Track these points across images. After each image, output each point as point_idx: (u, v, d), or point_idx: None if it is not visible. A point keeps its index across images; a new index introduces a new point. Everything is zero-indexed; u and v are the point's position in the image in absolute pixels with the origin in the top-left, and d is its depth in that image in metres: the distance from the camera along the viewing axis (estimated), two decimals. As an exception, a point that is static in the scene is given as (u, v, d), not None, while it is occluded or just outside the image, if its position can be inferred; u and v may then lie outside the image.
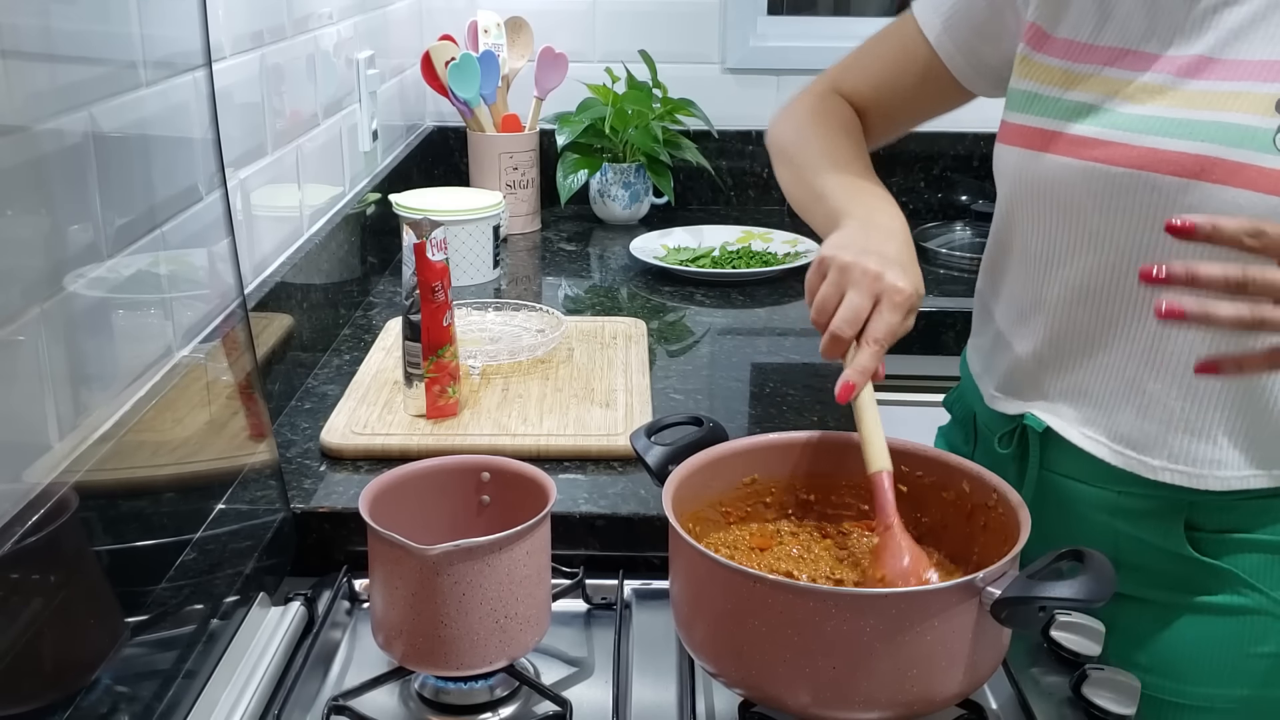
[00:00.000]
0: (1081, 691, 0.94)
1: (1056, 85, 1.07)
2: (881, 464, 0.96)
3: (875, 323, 0.98)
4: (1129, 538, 1.08)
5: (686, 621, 0.92)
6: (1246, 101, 0.96)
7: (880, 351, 0.98)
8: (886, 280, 0.98)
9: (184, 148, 1.09)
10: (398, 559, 0.91)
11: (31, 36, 0.83)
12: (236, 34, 1.32)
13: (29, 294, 0.82)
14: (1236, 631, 1.06)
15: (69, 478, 0.84)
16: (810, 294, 1.03)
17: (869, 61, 1.27)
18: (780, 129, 1.29)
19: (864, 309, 0.98)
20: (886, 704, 0.84)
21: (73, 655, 0.83)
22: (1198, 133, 0.97)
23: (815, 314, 1.02)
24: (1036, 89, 1.09)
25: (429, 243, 1.23)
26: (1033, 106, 1.09)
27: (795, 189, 1.22)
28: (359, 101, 1.82)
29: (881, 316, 0.98)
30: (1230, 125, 0.96)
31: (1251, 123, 0.95)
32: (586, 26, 2.30)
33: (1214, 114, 0.97)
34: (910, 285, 0.99)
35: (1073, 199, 1.05)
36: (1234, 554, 1.05)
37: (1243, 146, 0.95)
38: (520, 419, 1.31)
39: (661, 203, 2.26)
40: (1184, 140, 0.98)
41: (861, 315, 0.98)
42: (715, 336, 1.66)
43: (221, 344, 1.09)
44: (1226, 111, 0.97)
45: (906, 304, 0.99)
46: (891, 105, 1.27)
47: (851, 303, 0.98)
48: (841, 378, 0.98)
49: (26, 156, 0.83)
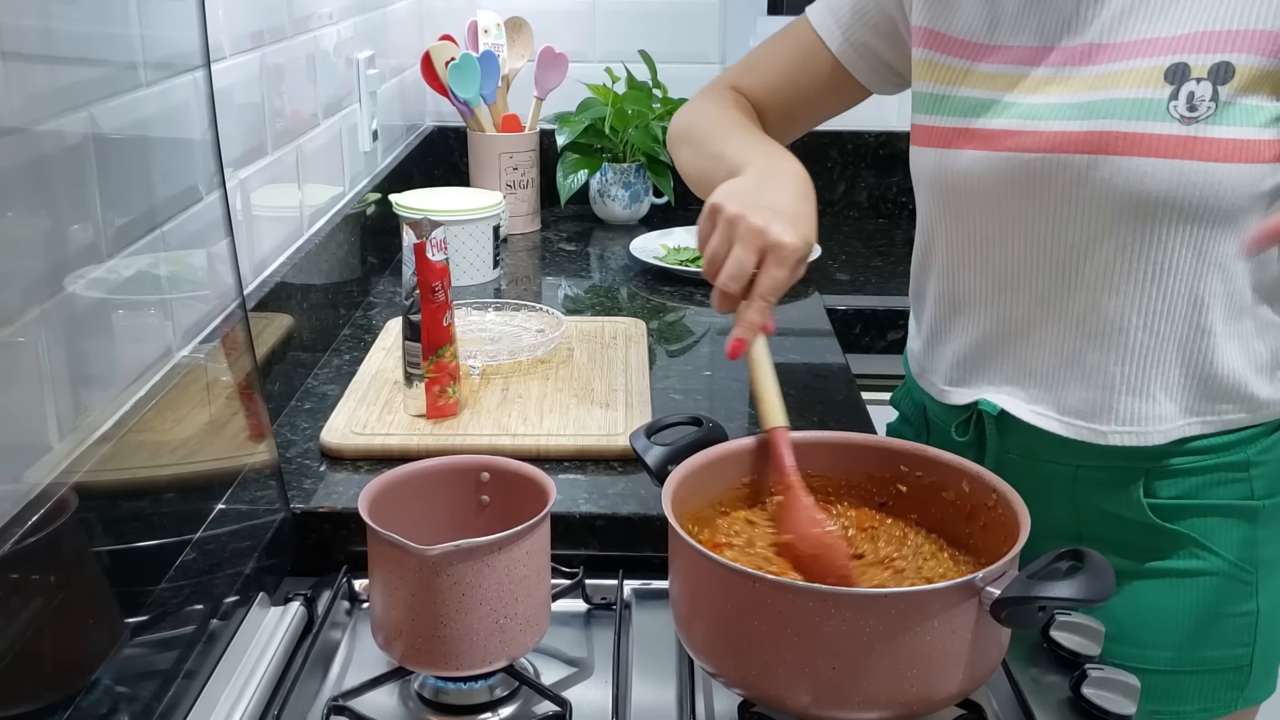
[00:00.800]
0: (1081, 691, 0.94)
1: (958, 84, 1.12)
2: (775, 420, 0.99)
3: (762, 279, 1.00)
4: (1090, 510, 1.12)
5: (686, 621, 0.92)
6: (1136, 77, 1.01)
7: (767, 307, 1.00)
8: (771, 235, 0.99)
9: (184, 148, 1.09)
10: (397, 559, 0.91)
11: (32, 37, 0.83)
12: (236, 34, 1.32)
13: (29, 294, 0.82)
14: (1195, 594, 1.11)
15: (69, 478, 0.84)
16: (701, 244, 1.05)
17: (766, 64, 1.30)
18: (678, 120, 1.31)
19: (749, 264, 1.00)
20: (886, 704, 0.84)
21: (73, 655, 0.83)
22: (1098, 111, 1.03)
23: (705, 267, 1.04)
24: (940, 90, 1.13)
25: (429, 243, 1.23)
26: (939, 107, 1.13)
27: (695, 162, 1.23)
28: (359, 101, 1.82)
29: (768, 272, 1.00)
30: (1126, 100, 1.01)
31: (1144, 95, 1.01)
32: (586, 26, 2.30)
33: (1110, 92, 1.02)
34: (797, 238, 1.00)
35: (991, 189, 1.09)
36: (1188, 518, 1.10)
37: (1140, 118, 1.01)
38: (520, 419, 1.31)
39: (661, 203, 2.26)
40: (1087, 120, 1.03)
41: (747, 271, 1.00)
42: (715, 336, 1.66)
43: (221, 344, 1.09)
44: (1121, 89, 1.02)
45: (792, 258, 0.99)
46: (789, 104, 1.29)
47: (737, 258, 1.00)
48: (731, 334, 1.00)
49: (26, 157, 0.83)
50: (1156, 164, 1.00)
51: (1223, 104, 0.98)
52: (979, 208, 1.11)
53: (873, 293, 1.92)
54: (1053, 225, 1.07)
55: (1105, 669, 0.95)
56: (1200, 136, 0.99)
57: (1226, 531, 1.10)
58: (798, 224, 1.01)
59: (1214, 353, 1.06)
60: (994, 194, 1.09)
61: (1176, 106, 0.99)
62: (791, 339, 1.64)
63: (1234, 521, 1.10)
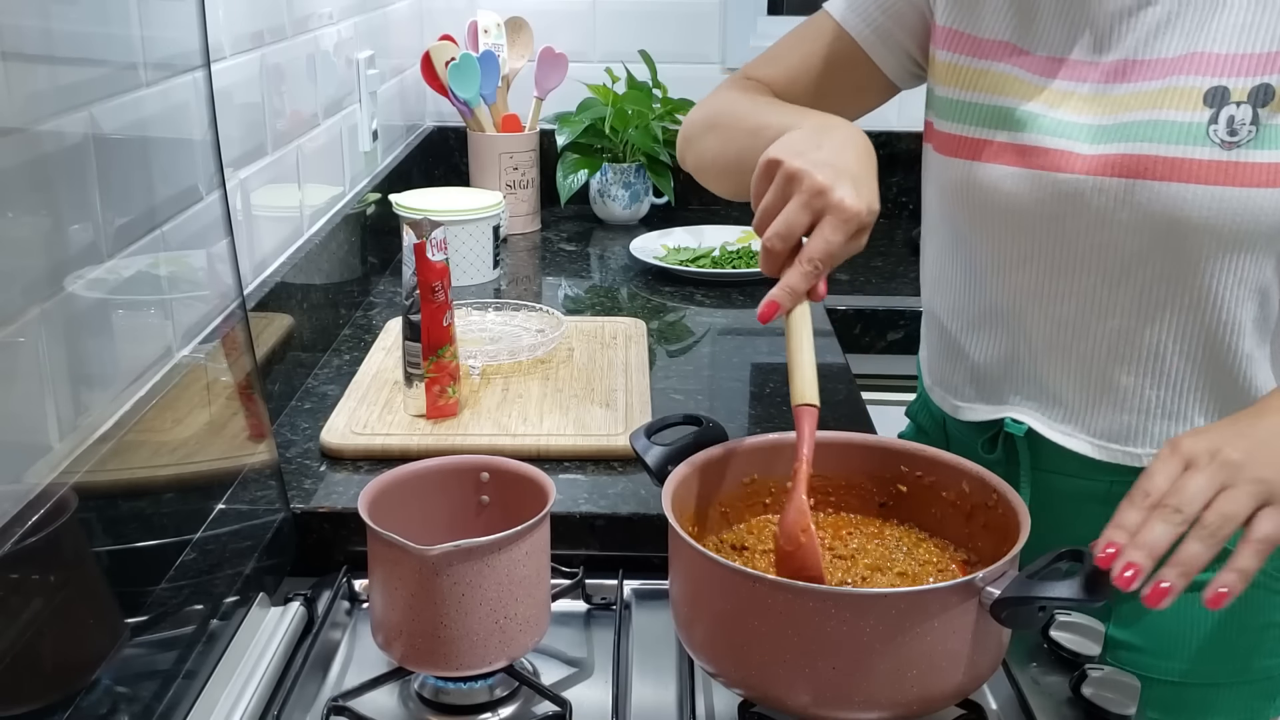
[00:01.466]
0: (1081, 691, 0.94)
1: (984, 91, 1.07)
2: (804, 397, 0.92)
3: (814, 240, 0.91)
4: None
5: (686, 621, 0.92)
6: (1175, 98, 0.98)
7: (814, 272, 0.91)
8: (834, 195, 0.90)
9: (184, 148, 1.09)
10: (397, 559, 0.91)
11: (32, 38, 0.83)
12: (236, 34, 1.32)
13: (29, 294, 0.82)
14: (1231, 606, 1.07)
15: (69, 478, 0.84)
16: (755, 200, 0.96)
17: (786, 56, 1.22)
18: (695, 115, 1.23)
19: (802, 223, 0.91)
20: (886, 704, 0.84)
21: (73, 656, 0.83)
22: (1136, 134, 0.99)
23: (755, 222, 0.95)
24: (963, 95, 1.08)
25: (429, 243, 1.23)
26: (963, 115, 1.08)
27: (729, 144, 1.13)
28: (359, 101, 1.82)
29: (821, 234, 0.91)
30: (1164, 124, 0.98)
31: (1182, 118, 0.97)
32: (586, 26, 2.30)
33: (1148, 114, 0.99)
34: (861, 203, 0.91)
35: (1021, 207, 1.05)
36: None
37: (1178, 143, 0.97)
38: (520, 419, 1.31)
39: (661, 203, 2.26)
40: (1124, 143, 1.00)
41: (798, 229, 0.92)
42: (715, 336, 1.66)
43: (221, 344, 1.09)
44: (1159, 110, 0.98)
45: (854, 223, 0.91)
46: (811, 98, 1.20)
47: (788, 216, 0.91)
48: (767, 295, 0.92)
49: (27, 157, 0.83)
50: (1196, 190, 0.97)
51: (1264, 127, 0.95)
52: (1006, 224, 1.07)
53: (873, 293, 1.92)
54: (1085, 249, 1.03)
55: (1105, 669, 0.95)
56: (1241, 161, 0.96)
57: None
58: (860, 187, 0.92)
59: (1251, 375, 1.04)
60: (1024, 212, 1.05)
61: (1216, 131, 0.96)
62: (791, 339, 1.64)
63: None
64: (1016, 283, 1.09)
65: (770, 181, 0.94)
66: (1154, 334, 1.03)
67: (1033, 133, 1.04)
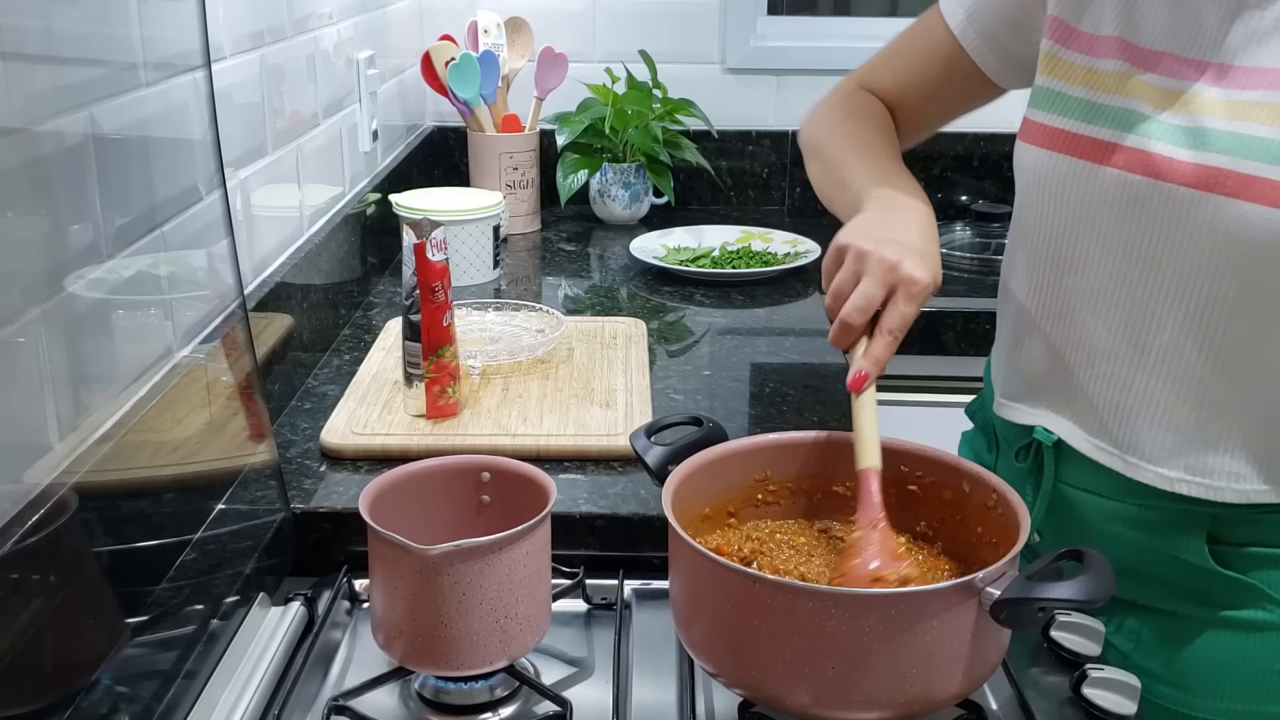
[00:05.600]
0: (1081, 691, 0.94)
1: (1078, 84, 1.05)
2: (871, 462, 0.96)
3: (890, 313, 0.97)
4: (1151, 550, 1.06)
5: (686, 621, 0.92)
6: (1261, 111, 0.94)
7: (894, 343, 0.98)
8: (904, 270, 0.97)
9: (184, 148, 1.09)
10: (398, 559, 0.91)
11: (32, 38, 0.83)
12: (236, 34, 1.32)
13: (29, 294, 0.82)
14: (1261, 647, 1.04)
15: (69, 478, 0.84)
16: (826, 279, 1.01)
17: (895, 58, 1.25)
18: (810, 126, 1.27)
19: (877, 298, 0.97)
20: (886, 704, 0.84)
21: (73, 656, 0.83)
22: (1210, 143, 0.95)
23: (830, 300, 1.00)
24: (1059, 87, 1.06)
25: (429, 243, 1.23)
26: (1054, 105, 1.06)
27: (823, 182, 1.21)
28: (359, 101, 1.82)
29: (896, 307, 0.97)
30: (1242, 136, 0.94)
31: (1263, 134, 0.93)
32: (586, 26, 2.30)
33: (1228, 123, 0.95)
34: (928, 275, 0.97)
35: (1087, 203, 1.03)
36: (1258, 568, 1.03)
37: (1253, 159, 0.93)
38: (520, 419, 1.31)
39: (661, 203, 2.26)
40: (1197, 150, 0.96)
41: (874, 304, 0.97)
42: (715, 336, 1.66)
43: (221, 344, 1.09)
44: (1241, 121, 0.94)
45: (923, 295, 0.97)
46: (920, 101, 1.24)
47: (865, 291, 0.97)
48: (854, 367, 0.98)
49: (27, 157, 0.83)
50: (1263, 211, 0.92)
51: None
52: (1072, 219, 1.05)
53: (873, 293, 1.92)
54: (1145, 256, 1.00)
55: (1105, 669, 0.95)
56: None
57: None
58: (926, 260, 0.98)
59: None
60: (1089, 208, 1.03)
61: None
62: (791, 339, 1.64)
63: None
64: (1074, 282, 1.06)
65: (840, 263, 1.00)
66: (1202, 360, 0.99)
67: (1111, 129, 1.01)
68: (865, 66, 1.28)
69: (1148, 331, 1.02)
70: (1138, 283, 1.01)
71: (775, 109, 2.32)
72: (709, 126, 2.21)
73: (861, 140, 1.19)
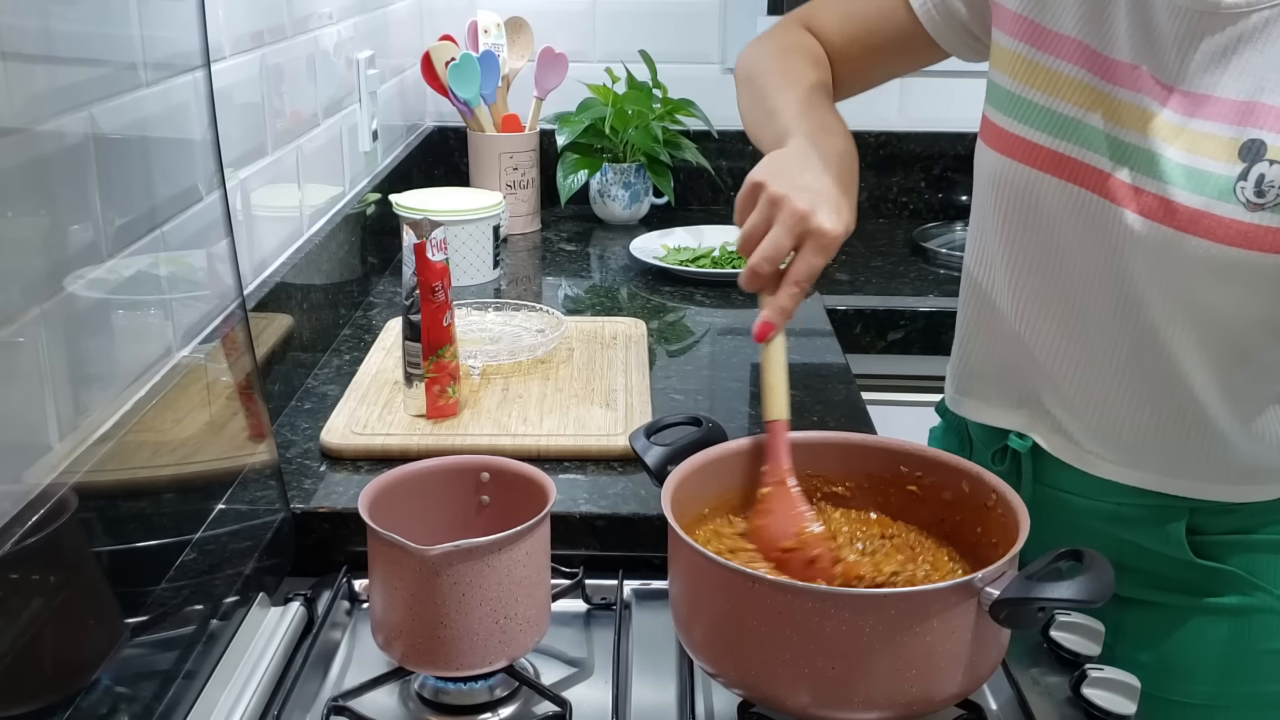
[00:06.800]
0: (1081, 691, 0.94)
1: (1040, 89, 1.04)
2: (779, 413, 0.97)
3: (798, 264, 0.97)
4: (1131, 544, 1.08)
5: (686, 622, 0.92)
6: (1214, 146, 0.93)
7: (800, 293, 0.97)
8: (814, 221, 0.96)
9: (184, 148, 1.09)
10: (397, 559, 0.91)
11: (32, 38, 0.83)
12: (236, 34, 1.32)
13: (29, 294, 0.82)
14: (1242, 630, 1.07)
15: (69, 478, 0.84)
16: (739, 218, 1.01)
17: (847, 10, 1.23)
18: (744, 56, 1.25)
19: (786, 247, 0.97)
20: (886, 704, 0.84)
21: (72, 656, 0.83)
22: (1165, 173, 0.95)
23: (740, 243, 1.00)
24: (1021, 91, 1.05)
25: (429, 243, 1.23)
26: (1015, 110, 1.06)
27: (750, 111, 1.18)
28: (359, 101, 1.82)
29: (805, 258, 0.97)
30: (1194, 171, 0.94)
31: (1214, 169, 0.93)
32: (586, 26, 2.30)
33: (1182, 154, 0.95)
34: (840, 226, 0.97)
35: (1047, 214, 1.04)
36: (1237, 554, 1.06)
37: (1202, 193, 0.93)
38: (520, 419, 1.31)
39: (661, 203, 2.26)
40: (1152, 180, 0.96)
41: (783, 253, 0.97)
42: (715, 336, 1.66)
43: (221, 344, 1.09)
44: (1195, 155, 0.94)
45: (833, 246, 0.97)
46: (863, 56, 1.22)
47: (775, 239, 0.97)
48: (759, 316, 0.98)
49: (27, 157, 0.83)
50: (1210, 248, 0.93)
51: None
52: (1030, 227, 1.06)
53: (873, 293, 1.92)
54: (1103, 265, 1.01)
55: (1105, 669, 0.95)
56: (1263, 225, 0.91)
57: (1274, 565, 1.05)
58: (840, 210, 0.97)
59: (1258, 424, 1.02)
60: (1048, 218, 1.04)
61: (1244, 189, 0.91)
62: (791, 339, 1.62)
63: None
64: (1029, 286, 1.07)
65: (754, 203, 0.99)
66: (1160, 368, 1.01)
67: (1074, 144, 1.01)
68: (807, 7, 1.26)
69: (1106, 342, 1.03)
70: (1095, 291, 1.03)
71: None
72: (709, 126, 2.21)
73: (794, 73, 1.16)
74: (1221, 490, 1.04)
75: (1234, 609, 1.06)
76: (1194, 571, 1.06)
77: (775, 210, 0.97)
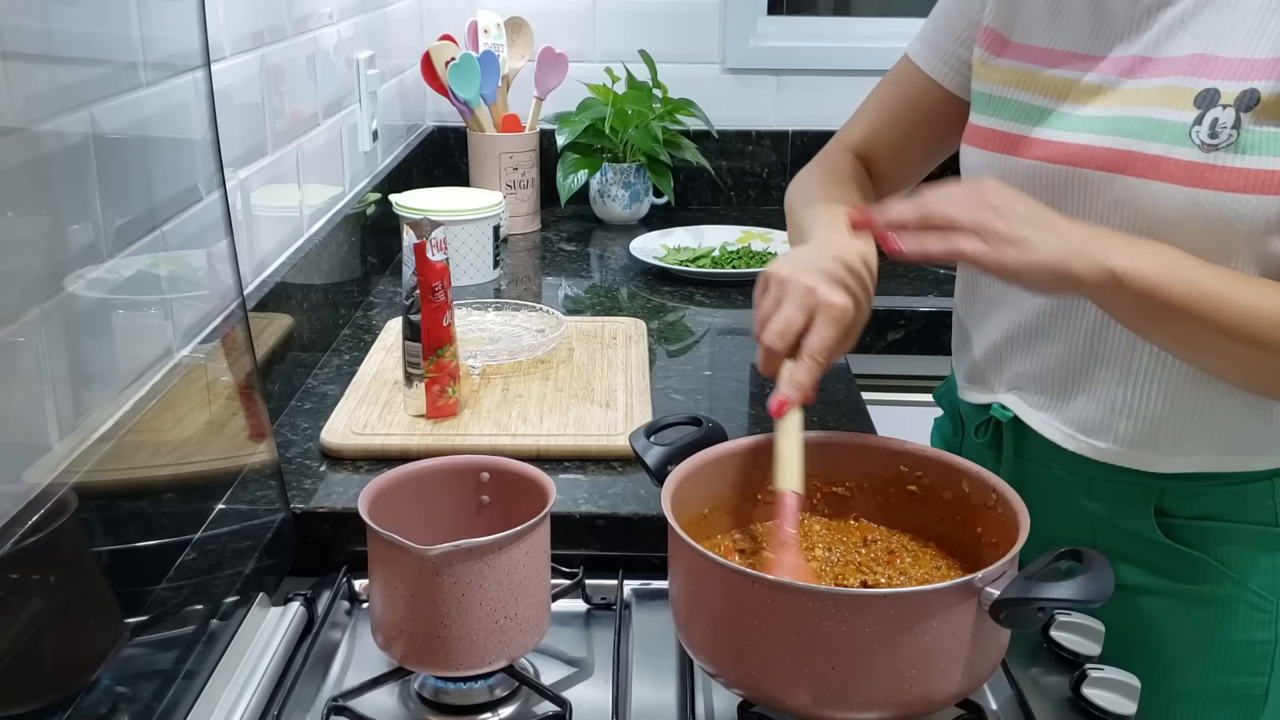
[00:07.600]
0: (1081, 691, 0.94)
1: (1011, 86, 1.11)
2: (789, 484, 0.96)
3: (811, 337, 0.98)
4: (1104, 523, 1.11)
5: (685, 622, 0.92)
6: (1169, 96, 0.99)
7: (816, 368, 0.97)
8: (820, 294, 0.98)
9: (184, 148, 1.09)
10: (397, 559, 0.91)
11: (32, 37, 0.83)
12: (236, 34, 1.32)
13: (29, 294, 0.82)
14: (1212, 619, 1.08)
15: (69, 478, 0.84)
16: (756, 309, 1.03)
17: (869, 105, 1.30)
18: (790, 191, 1.29)
19: (797, 322, 0.98)
20: (886, 704, 0.84)
21: (73, 656, 0.83)
22: (1123, 129, 1.01)
23: (756, 329, 1.01)
24: (995, 91, 1.12)
25: (429, 243, 1.23)
26: (990, 108, 1.12)
27: (790, 236, 1.23)
28: (359, 101, 1.82)
29: (816, 331, 0.97)
30: (1150, 120, 0.99)
31: (1169, 117, 0.98)
32: (586, 26, 2.30)
33: (1140, 110, 1.01)
34: (846, 299, 0.98)
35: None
36: (1209, 543, 1.08)
37: (1160, 140, 0.98)
38: (520, 419, 1.31)
39: (661, 203, 2.26)
40: (1111, 136, 1.01)
41: (793, 328, 0.98)
42: (715, 336, 1.66)
43: (221, 344, 1.09)
44: (1150, 107, 1.00)
45: (843, 317, 0.98)
46: (898, 144, 1.27)
47: (785, 315, 0.98)
48: (776, 392, 0.98)
49: (27, 157, 0.83)
50: (1170, 189, 0.97)
51: (1243, 132, 0.95)
52: None
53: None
54: None
55: (1105, 669, 0.95)
56: (1217, 165, 0.96)
57: (1246, 556, 1.07)
58: (847, 286, 1.00)
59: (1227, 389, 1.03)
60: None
61: (1199, 132, 0.96)
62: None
63: (1255, 546, 1.07)
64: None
65: (765, 290, 1.02)
66: (1125, 331, 1.04)
67: (1041, 126, 1.06)
68: (843, 126, 1.32)
69: (1078, 311, 1.07)
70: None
71: (775, 109, 2.32)
72: (709, 126, 2.21)
73: (824, 187, 1.22)
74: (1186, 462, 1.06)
75: (1205, 598, 1.08)
76: (1165, 555, 1.08)
77: (783, 289, 0.99)
